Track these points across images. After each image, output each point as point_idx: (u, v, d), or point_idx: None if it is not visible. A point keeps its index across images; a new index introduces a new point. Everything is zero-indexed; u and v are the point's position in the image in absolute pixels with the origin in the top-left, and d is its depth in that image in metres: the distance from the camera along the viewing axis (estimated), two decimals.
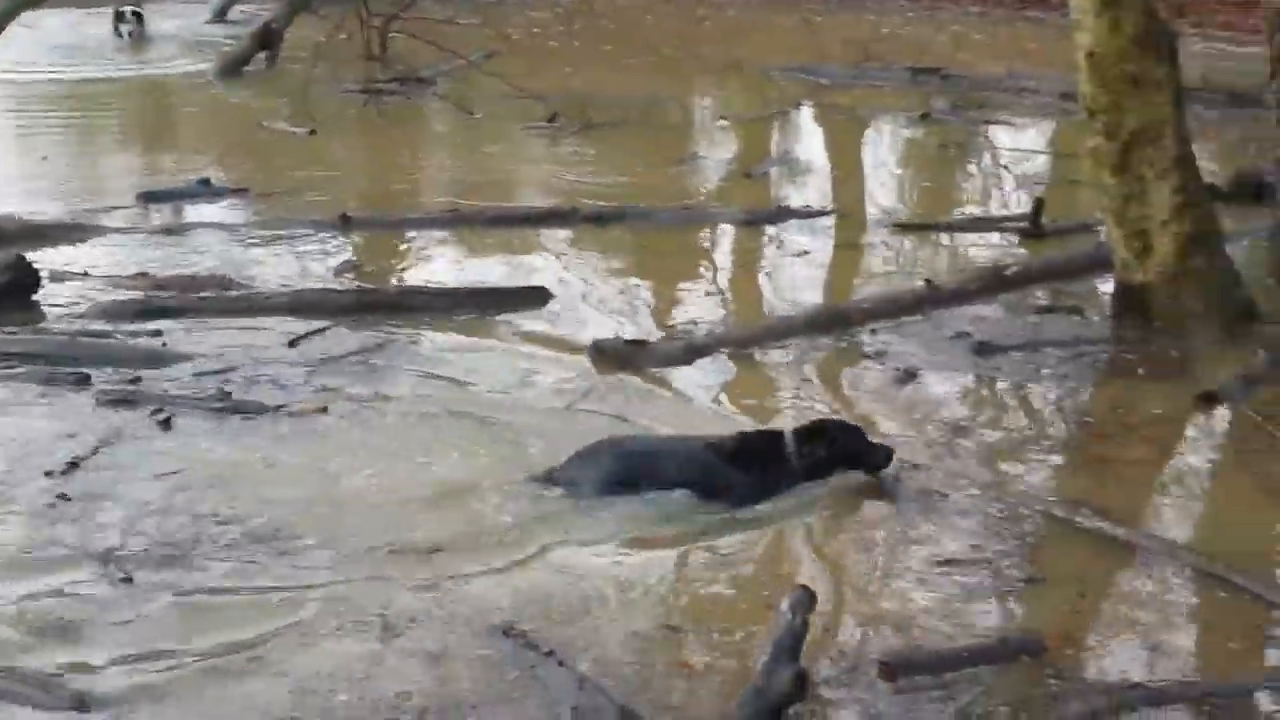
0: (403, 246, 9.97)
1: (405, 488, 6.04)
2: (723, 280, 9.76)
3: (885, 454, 6.25)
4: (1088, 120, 8.20)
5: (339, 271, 9.23)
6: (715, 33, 19.16)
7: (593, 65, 16.71)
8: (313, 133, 13.02)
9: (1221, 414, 7.14)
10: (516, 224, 10.47)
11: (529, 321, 8.28)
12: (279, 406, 6.85)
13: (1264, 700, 4.64)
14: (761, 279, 9.68)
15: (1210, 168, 11.30)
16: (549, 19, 19.70)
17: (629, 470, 6.02)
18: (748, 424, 6.73)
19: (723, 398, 7.31)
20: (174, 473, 6.14)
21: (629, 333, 8.01)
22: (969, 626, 5.10)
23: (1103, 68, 7.93)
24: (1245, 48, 15.56)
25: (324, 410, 6.86)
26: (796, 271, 9.68)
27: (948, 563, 5.52)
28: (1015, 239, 10.20)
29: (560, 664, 4.64)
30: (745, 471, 6.03)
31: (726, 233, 10.55)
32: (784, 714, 4.37)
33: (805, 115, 14.72)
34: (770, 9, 20.21)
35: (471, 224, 10.44)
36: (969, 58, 16.16)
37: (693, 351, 7.75)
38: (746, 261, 10.14)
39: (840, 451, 6.16)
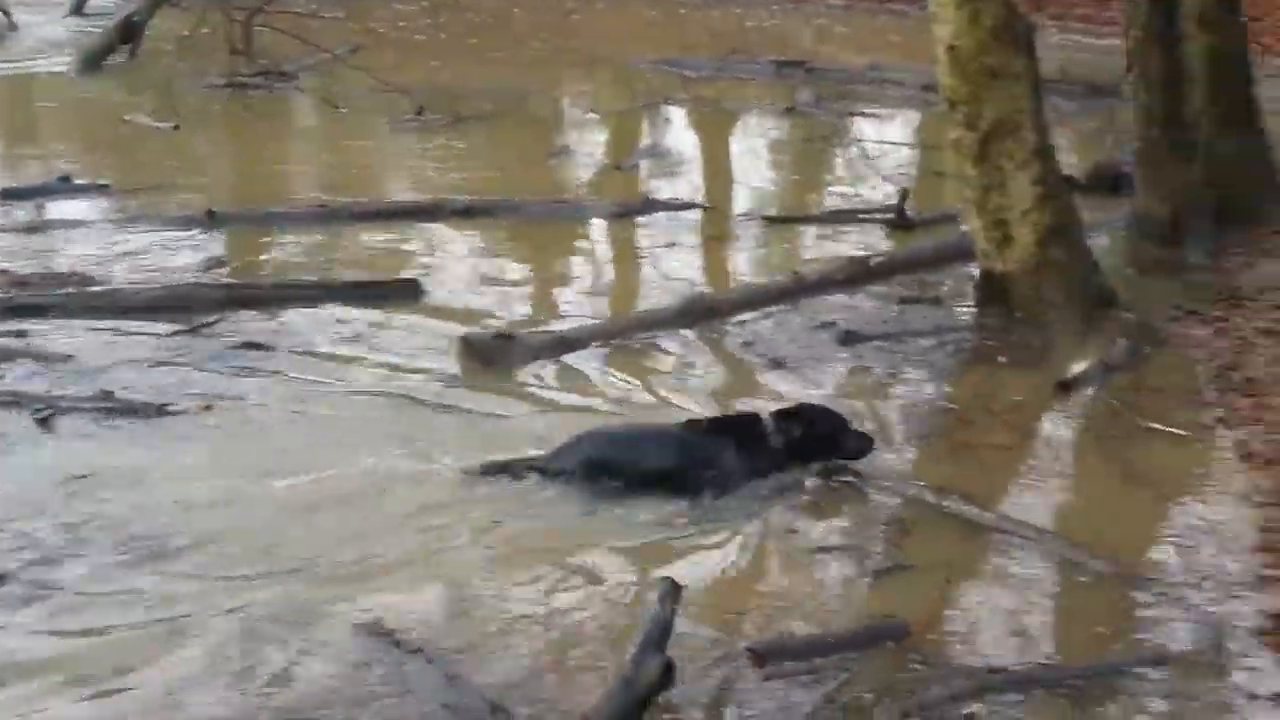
0: (271, 242, 9.82)
1: (300, 490, 5.95)
2: (593, 273, 9.76)
3: (866, 441, 6.31)
4: (949, 112, 8.35)
5: (207, 267, 9.08)
6: (583, 26, 19.17)
7: (460, 59, 16.62)
8: (176, 128, 12.79)
9: (1082, 400, 7.28)
10: (386, 218, 10.37)
11: (401, 315, 8.23)
12: (163, 405, 6.72)
13: (1125, 682, 4.72)
14: (632, 271, 9.73)
15: (1070, 159, 11.58)
16: (415, 12, 19.54)
17: (611, 456, 6.07)
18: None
19: (607, 390, 7.30)
20: (58, 477, 5.99)
21: (499, 326, 7.99)
22: (837, 613, 5.17)
23: (962, 60, 8.06)
24: (1103, 40, 15.96)
25: (209, 408, 6.75)
26: (667, 264, 9.71)
27: (818, 550, 5.58)
28: (882, 230, 10.35)
29: (429, 661, 4.62)
30: (724, 451, 6.08)
31: (597, 226, 10.57)
32: (651, 704, 4.39)
33: (673, 109, 14.78)
34: (638, 2, 20.27)
35: (340, 219, 10.32)
36: (833, 50, 16.35)
37: (563, 344, 7.74)
38: (617, 254, 10.19)
39: (818, 435, 6.21)
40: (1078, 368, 7.45)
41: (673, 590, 4.76)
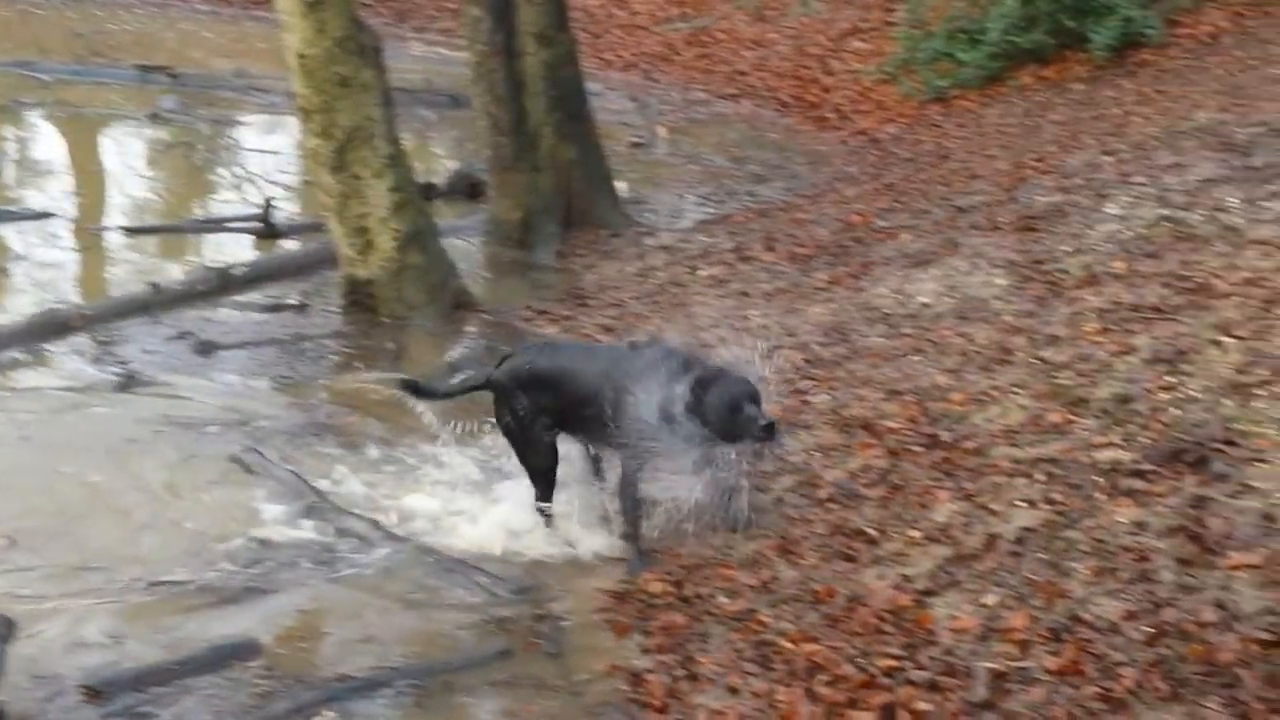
0: None
1: None
2: None
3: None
4: (304, 121, 8.39)
5: None
6: None
7: None
8: None
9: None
10: None
11: None
12: None
13: (468, 676, 4.94)
14: None
15: (434, 167, 11.94)
16: None
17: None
18: None
19: None
20: None
21: None
22: (186, 640, 5.05)
23: (312, 69, 8.12)
24: (464, 52, 16.43)
25: None
26: (19, 277, 9.23)
27: (158, 584, 5.43)
28: (250, 239, 10.24)
29: None
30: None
31: None
32: None
33: (27, 113, 13.89)
34: None
35: None
36: (199, 56, 15.95)
37: None
38: None
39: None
40: (419, 364, 7.72)
41: (5, 627, 4.52)
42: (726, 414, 5.33)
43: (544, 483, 5.91)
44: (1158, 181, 7.67)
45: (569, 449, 6.01)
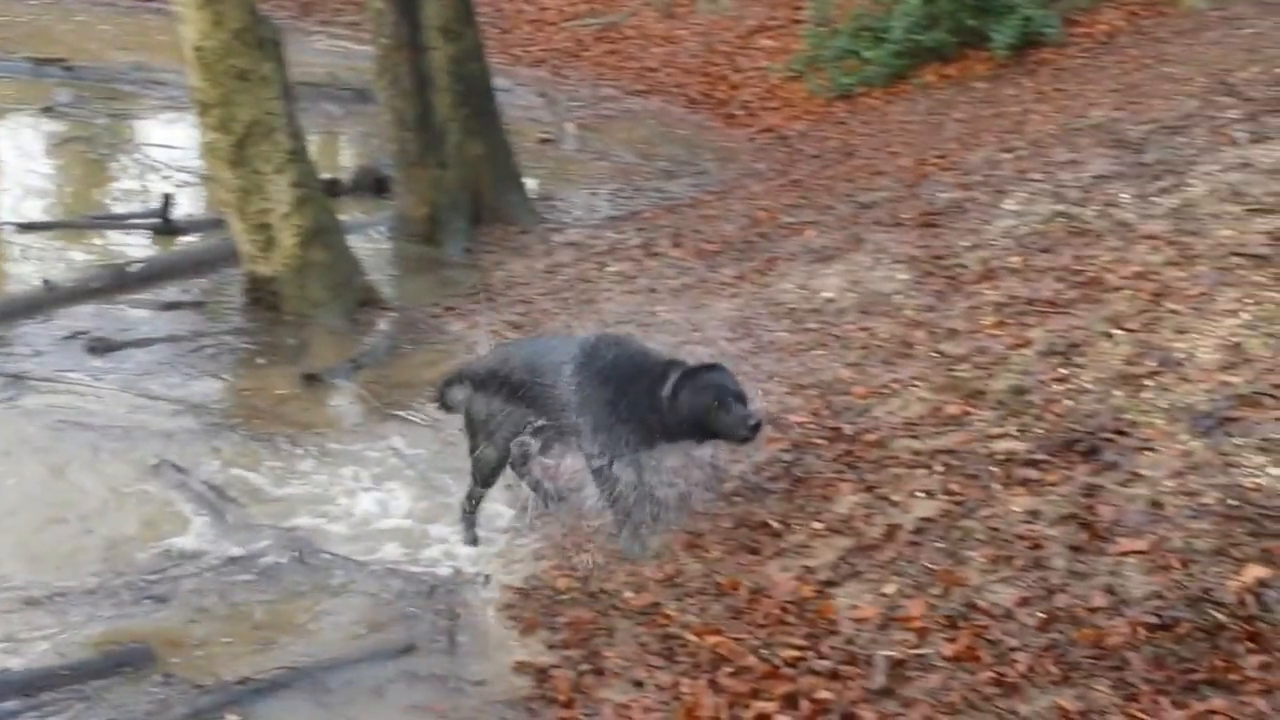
0: None
1: None
2: None
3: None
4: (201, 115, 8.29)
5: None
6: None
7: None
8: None
9: (342, 393, 7.49)
10: None
11: None
12: None
13: (366, 673, 4.93)
14: None
15: (342, 162, 11.84)
16: None
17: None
18: None
19: None
20: None
21: None
22: (81, 646, 4.99)
23: (209, 62, 8.03)
24: (368, 46, 16.27)
25: None
26: None
27: (54, 588, 5.34)
28: (149, 235, 10.08)
29: None
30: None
31: None
32: None
33: None
34: None
35: None
36: (96, 48, 15.65)
37: None
38: None
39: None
40: (323, 362, 7.68)
41: None
42: (710, 412, 5.24)
43: (484, 480, 5.78)
44: (1054, 178, 7.80)
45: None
